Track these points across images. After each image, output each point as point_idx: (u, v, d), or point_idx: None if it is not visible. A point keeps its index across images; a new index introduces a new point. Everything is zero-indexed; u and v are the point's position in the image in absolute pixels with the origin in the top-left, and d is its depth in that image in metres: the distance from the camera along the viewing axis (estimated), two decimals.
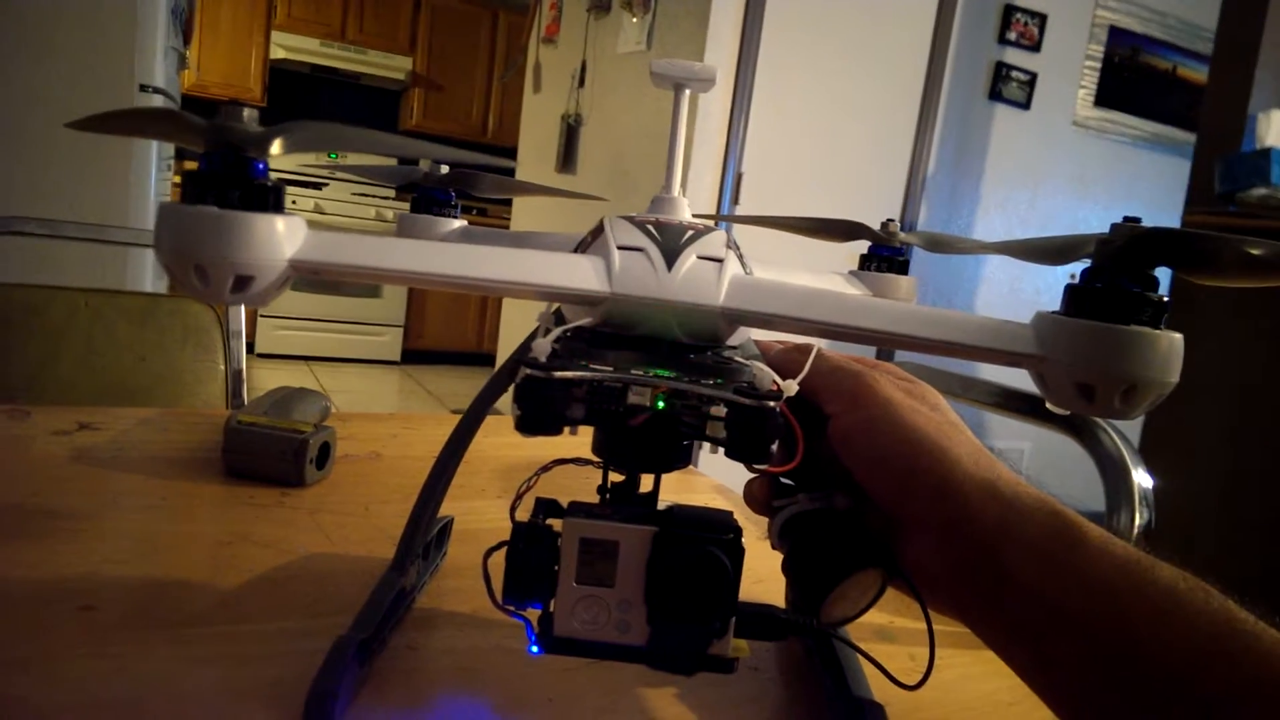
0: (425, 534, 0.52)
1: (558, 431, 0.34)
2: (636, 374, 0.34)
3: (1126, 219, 0.31)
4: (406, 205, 0.61)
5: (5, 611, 0.47)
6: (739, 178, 2.62)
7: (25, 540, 0.56)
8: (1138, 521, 0.64)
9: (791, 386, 0.35)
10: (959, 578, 0.40)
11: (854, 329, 0.35)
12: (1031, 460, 3.35)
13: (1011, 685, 0.50)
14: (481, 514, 0.70)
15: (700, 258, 0.37)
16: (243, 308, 1.26)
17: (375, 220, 5.13)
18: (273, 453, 0.70)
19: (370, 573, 0.50)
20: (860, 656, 0.46)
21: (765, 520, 0.46)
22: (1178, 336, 0.32)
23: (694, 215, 0.43)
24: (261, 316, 4.78)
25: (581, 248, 0.40)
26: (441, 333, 5.38)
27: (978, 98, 3.10)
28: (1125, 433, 0.71)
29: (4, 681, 0.40)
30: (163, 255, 0.31)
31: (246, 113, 0.31)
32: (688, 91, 0.44)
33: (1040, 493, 0.40)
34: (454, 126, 5.57)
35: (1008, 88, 3.15)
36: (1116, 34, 3.36)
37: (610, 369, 0.34)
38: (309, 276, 0.34)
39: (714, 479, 0.88)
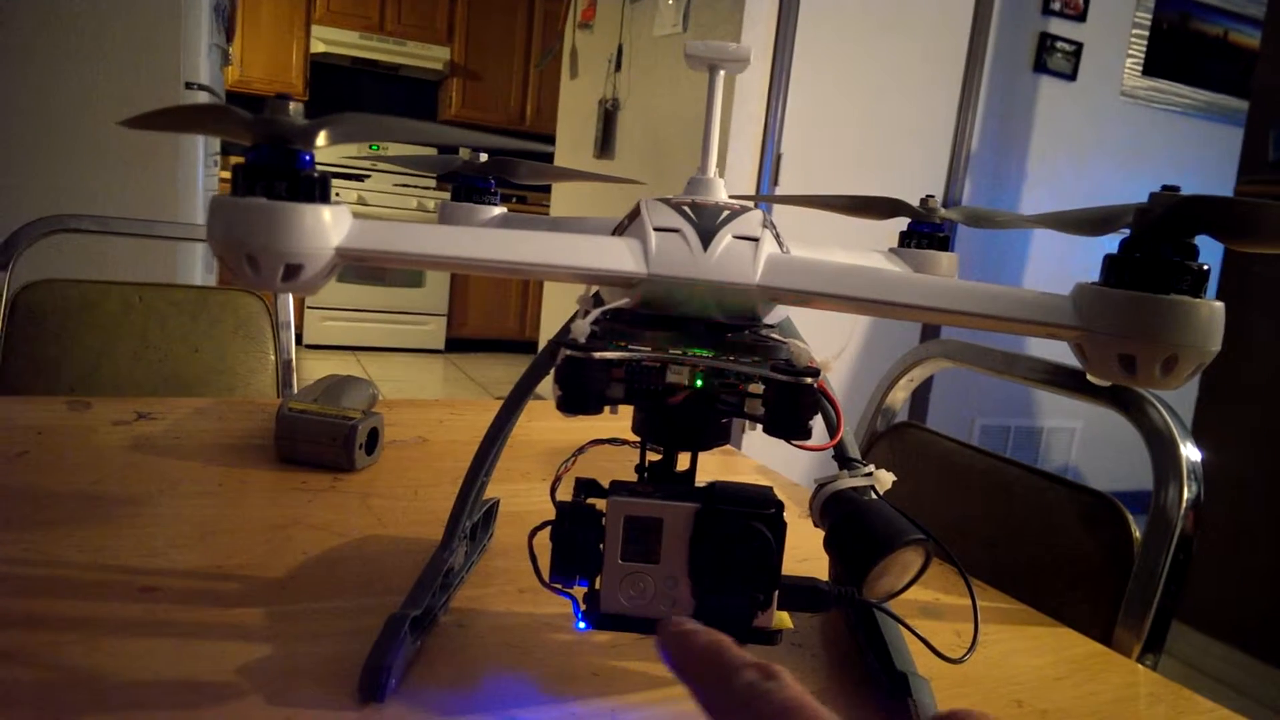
0: (472, 514, 0.53)
1: (598, 411, 0.35)
2: (675, 353, 0.34)
3: (1165, 188, 0.31)
4: (447, 195, 0.62)
5: (71, 593, 0.49)
6: (778, 159, 2.60)
7: (89, 526, 0.58)
8: (1186, 495, 0.63)
9: (830, 364, 0.35)
10: None
11: (890, 304, 0.35)
12: (1082, 439, 3.30)
13: (1058, 660, 0.50)
14: (527, 496, 0.71)
15: (736, 237, 0.38)
16: (290, 299, 1.29)
17: (417, 210, 5.18)
18: (323, 439, 0.72)
19: (421, 553, 0.52)
20: (905, 630, 0.47)
21: (806, 498, 0.46)
22: (1219, 305, 0.31)
23: (731, 196, 0.44)
24: (309, 308, 4.86)
25: (619, 230, 0.41)
26: (484, 321, 5.43)
27: (1022, 70, 3.04)
28: (1177, 409, 0.70)
29: (70, 660, 0.42)
30: (216, 246, 0.32)
31: (292, 106, 0.32)
32: (722, 72, 0.44)
33: None
34: (493, 115, 5.60)
35: (1053, 59, 3.08)
36: (1164, 0, 3.27)
37: (649, 349, 0.35)
38: (355, 264, 0.34)
39: (755, 460, 0.88)
